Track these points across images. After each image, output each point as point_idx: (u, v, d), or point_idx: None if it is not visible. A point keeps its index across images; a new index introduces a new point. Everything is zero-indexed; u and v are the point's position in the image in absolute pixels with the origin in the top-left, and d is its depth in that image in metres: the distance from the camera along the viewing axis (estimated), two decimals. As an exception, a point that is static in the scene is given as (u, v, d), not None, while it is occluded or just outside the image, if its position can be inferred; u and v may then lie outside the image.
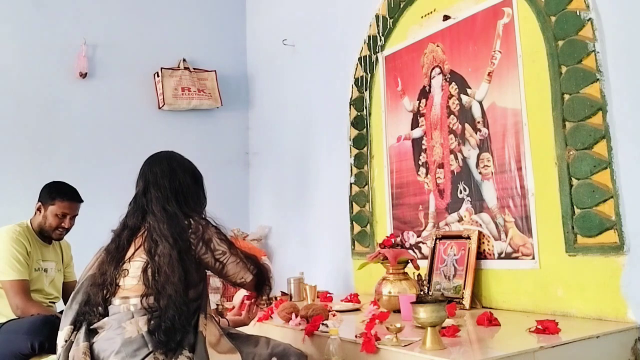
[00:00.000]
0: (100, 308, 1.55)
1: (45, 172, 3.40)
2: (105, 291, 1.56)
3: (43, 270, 2.46)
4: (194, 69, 3.98)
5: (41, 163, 3.46)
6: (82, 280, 1.66)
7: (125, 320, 1.50)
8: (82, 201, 2.53)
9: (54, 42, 3.59)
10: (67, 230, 2.51)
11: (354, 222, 3.10)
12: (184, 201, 1.65)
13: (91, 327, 1.53)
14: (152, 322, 1.47)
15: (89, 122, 3.64)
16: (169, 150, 1.81)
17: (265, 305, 2.41)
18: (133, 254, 1.59)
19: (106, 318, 1.53)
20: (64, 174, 3.10)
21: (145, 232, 1.60)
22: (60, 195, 2.46)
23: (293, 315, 2.08)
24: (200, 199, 1.74)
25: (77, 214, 2.51)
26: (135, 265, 1.57)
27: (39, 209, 2.47)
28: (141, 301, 1.51)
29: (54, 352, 2.07)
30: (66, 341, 1.54)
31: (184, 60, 3.97)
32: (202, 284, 1.62)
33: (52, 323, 2.13)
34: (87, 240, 2.67)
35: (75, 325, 1.56)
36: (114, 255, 1.61)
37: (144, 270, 1.53)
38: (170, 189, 1.65)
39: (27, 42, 3.53)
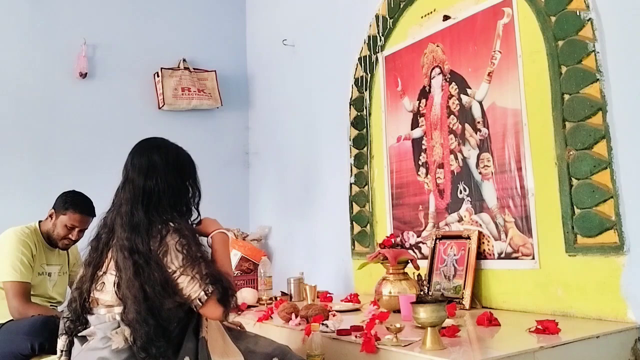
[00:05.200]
0: (80, 315, 1.51)
1: (45, 172, 3.42)
2: (83, 300, 1.52)
3: (47, 274, 2.46)
4: (194, 69, 3.98)
5: (41, 163, 3.46)
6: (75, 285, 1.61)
7: (111, 329, 1.45)
8: (94, 215, 2.47)
9: (54, 42, 3.59)
10: (74, 242, 2.49)
11: (354, 222, 3.10)
12: (156, 203, 1.52)
13: (79, 335, 1.50)
14: (131, 336, 1.41)
15: (89, 122, 3.64)
16: (160, 138, 1.70)
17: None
18: (107, 266, 1.52)
19: (92, 327, 1.49)
20: (63, 174, 3.11)
21: (115, 240, 1.52)
22: (74, 206, 2.42)
23: (293, 316, 2.08)
24: (182, 198, 1.60)
25: (86, 228, 2.45)
26: (109, 279, 1.50)
27: (50, 216, 2.46)
28: (121, 314, 1.45)
29: (54, 353, 2.08)
30: (62, 351, 1.54)
31: (184, 60, 3.96)
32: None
33: (52, 324, 2.13)
34: (86, 238, 2.68)
35: (67, 333, 1.53)
36: (93, 257, 1.55)
37: (115, 284, 1.47)
38: (143, 189, 1.53)
39: (27, 42, 3.53)
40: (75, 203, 2.44)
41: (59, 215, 2.44)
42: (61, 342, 1.55)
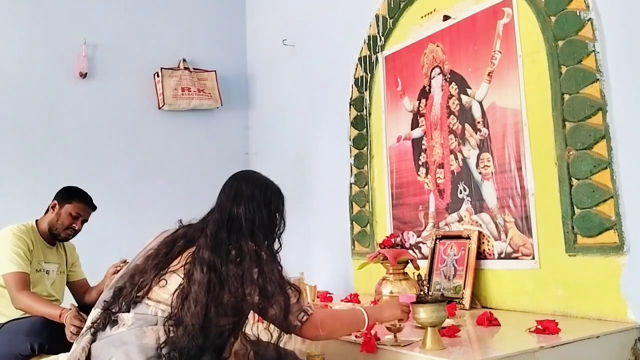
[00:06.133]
0: (124, 304, 1.52)
1: (45, 171, 3.42)
2: (137, 290, 1.53)
3: (45, 271, 2.46)
4: (194, 69, 3.98)
5: (41, 163, 3.46)
6: (131, 265, 1.63)
7: (149, 324, 1.46)
8: (95, 208, 2.59)
9: (54, 42, 3.59)
10: (76, 232, 2.54)
11: (354, 222, 3.10)
12: (238, 229, 1.57)
13: (112, 317, 1.50)
14: (164, 345, 1.42)
15: (89, 122, 3.64)
16: (251, 171, 1.77)
17: None
18: (177, 268, 1.54)
19: (132, 314, 1.49)
20: (63, 174, 3.10)
21: (194, 252, 1.55)
22: (78, 197, 2.52)
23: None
24: (264, 227, 1.63)
25: (87, 220, 2.56)
26: (172, 280, 1.52)
27: (53, 207, 2.50)
28: (165, 321, 1.47)
29: (54, 353, 2.08)
30: (92, 323, 1.51)
31: (184, 60, 3.96)
32: (240, 315, 1.54)
33: (52, 325, 2.13)
34: (86, 238, 2.69)
35: (104, 310, 1.53)
36: (161, 259, 1.56)
37: (176, 291, 1.49)
38: (229, 214, 1.58)
39: (27, 42, 3.53)
40: (79, 194, 2.54)
41: (63, 205, 2.49)
42: (94, 313, 1.54)
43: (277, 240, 1.69)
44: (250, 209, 1.60)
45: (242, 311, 1.52)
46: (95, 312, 1.55)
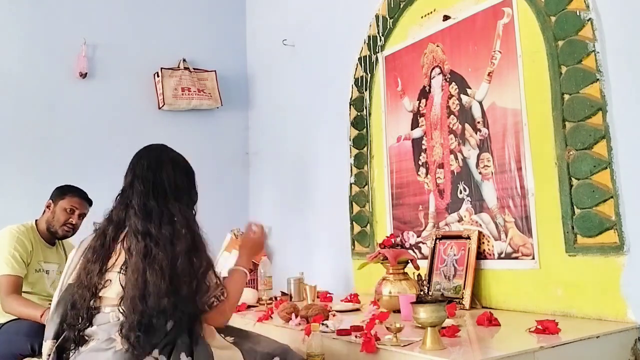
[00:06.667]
0: (85, 315, 1.48)
1: (45, 171, 3.41)
2: (90, 296, 1.49)
3: (44, 271, 2.46)
4: (194, 69, 3.98)
5: (40, 163, 3.46)
6: (64, 287, 1.58)
7: (115, 330, 1.44)
8: (91, 203, 2.57)
9: (54, 42, 3.58)
10: (74, 228, 2.52)
11: (354, 222, 3.10)
12: (165, 195, 1.58)
13: (80, 334, 1.48)
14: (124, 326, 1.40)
15: (89, 122, 3.64)
16: (161, 143, 1.77)
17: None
18: (114, 263, 1.52)
19: (95, 327, 1.47)
20: (63, 174, 3.10)
21: (127, 231, 1.54)
22: (72, 191, 2.53)
23: (293, 316, 2.08)
24: (191, 195, 1.69)
25: (85, 214, 2.54)
26: (115, 276, 1.50)
27: (48, 206, 2.51)
28: (118, 301, 1.44)
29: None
30: (49, 355, 1.49)
31: (184, 60, 3.96)
32: (196, 279, 1.50)
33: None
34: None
35: (58, 339, 1.50)
36: (99, 254, 1.53)
37: (121, 281, 1.47)
38: (154, 182, 1.59)
39: (27, 42, 3.53)
40: (72, 189, 2.54)
41: (57, 202, 2.49)
42: (47, 346, 1.51)
43: (194, 209, 1.70)
44: (172, 174, 1.63)
45: (178, 272, 1.47)
46: (47, 345, 1.51)
